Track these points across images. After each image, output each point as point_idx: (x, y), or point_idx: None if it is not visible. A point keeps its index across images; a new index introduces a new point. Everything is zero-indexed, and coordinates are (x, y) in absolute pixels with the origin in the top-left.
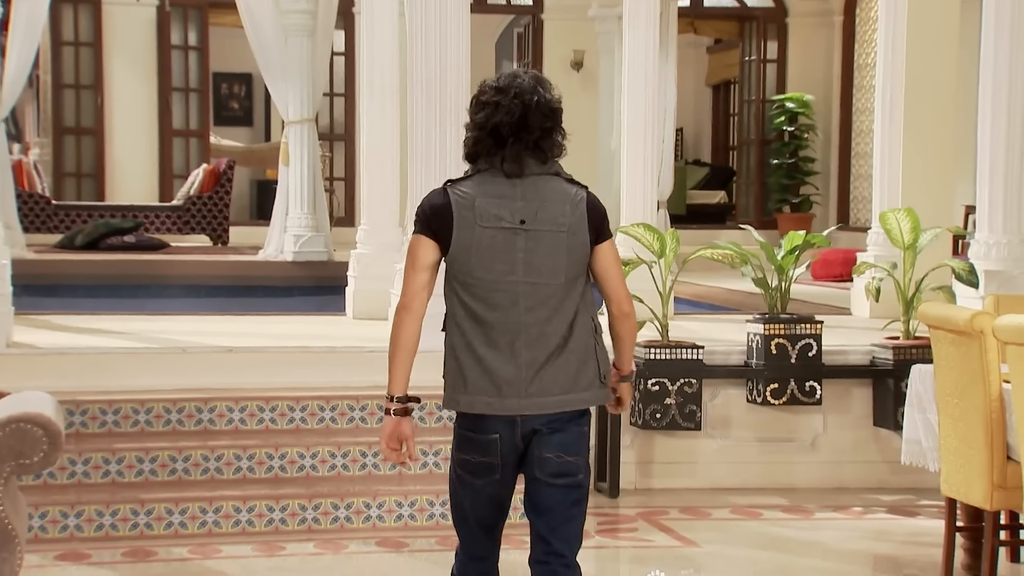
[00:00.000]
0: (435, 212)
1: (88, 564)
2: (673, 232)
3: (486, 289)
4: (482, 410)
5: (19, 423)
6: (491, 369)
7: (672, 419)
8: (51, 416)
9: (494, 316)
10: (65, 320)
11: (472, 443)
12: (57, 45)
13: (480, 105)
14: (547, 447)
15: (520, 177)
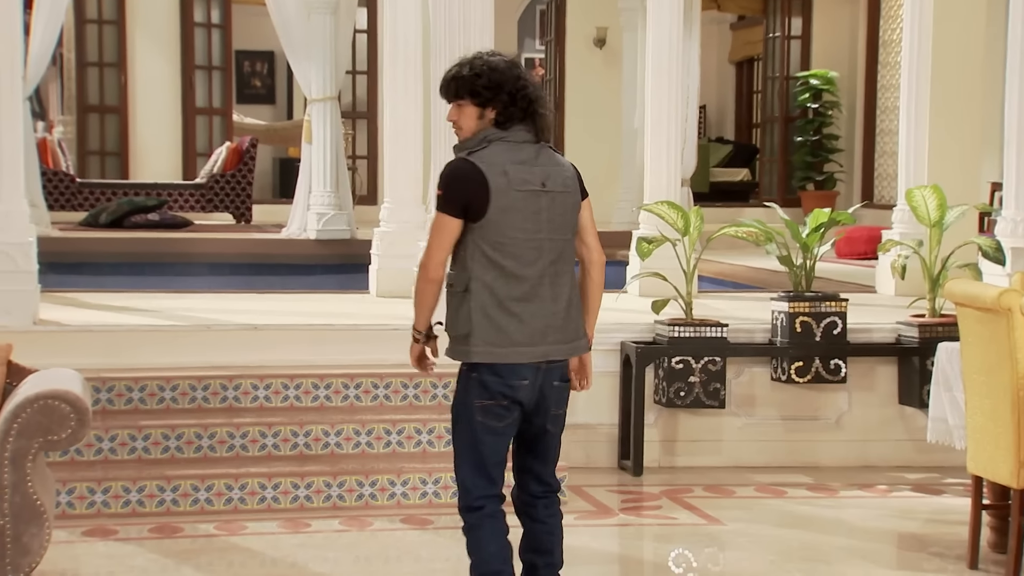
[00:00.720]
0: (469, 183)
1: (115, 540)
2: (697, 210)
3: (519, 247)
4: (518, 359)
5: (47, 400)
6: (525, 320)
7: (696, 397)
8: (79, 393)
9: (525, 271)
10: (91, 297)
11: (502, 389)
12: (81, 23)
13: (514, 77)
14: (554, 397)
15: (535, 144)
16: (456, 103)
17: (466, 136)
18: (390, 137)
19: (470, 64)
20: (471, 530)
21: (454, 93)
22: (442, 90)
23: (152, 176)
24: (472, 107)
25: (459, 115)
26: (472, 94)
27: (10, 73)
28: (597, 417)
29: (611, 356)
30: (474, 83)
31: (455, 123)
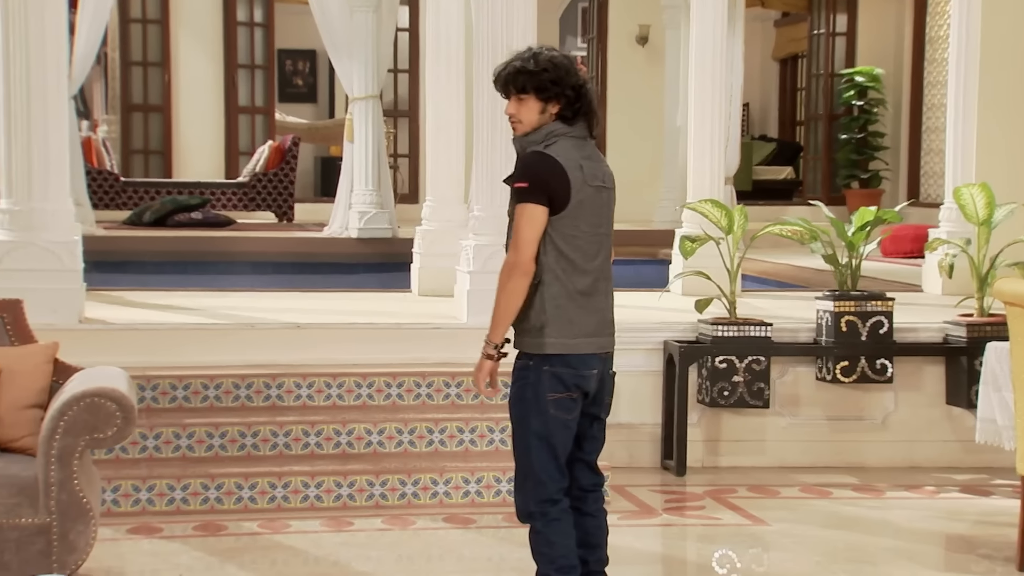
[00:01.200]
0: (553, 176)
1: (160, 538)
2: (741, 208)
3: (587, 241)
4: (590, 349)
5: (93, 398)
6: (593, 311)
7: (740, 397)
8: (124, 391)
9: (588, 265)
10: (135, 296)
11: (575, 381)
12: (125, 22)
13: (574, 73)
14: (609, 387)
15: (591, 141)
16: (517, 97)
17: (526, 131)
18: (432, 136)
19: (534, 59)
20: (549, 524)
21: (520, 87)
22: (503, 83)
23: (195, 175)
24: (535, 102)
25: (519, 109)
26: (538, 89)
27: (56, 72)
28: (640, 417)
29: (654, 355)
30: (540, 78)
31: (513, 117)
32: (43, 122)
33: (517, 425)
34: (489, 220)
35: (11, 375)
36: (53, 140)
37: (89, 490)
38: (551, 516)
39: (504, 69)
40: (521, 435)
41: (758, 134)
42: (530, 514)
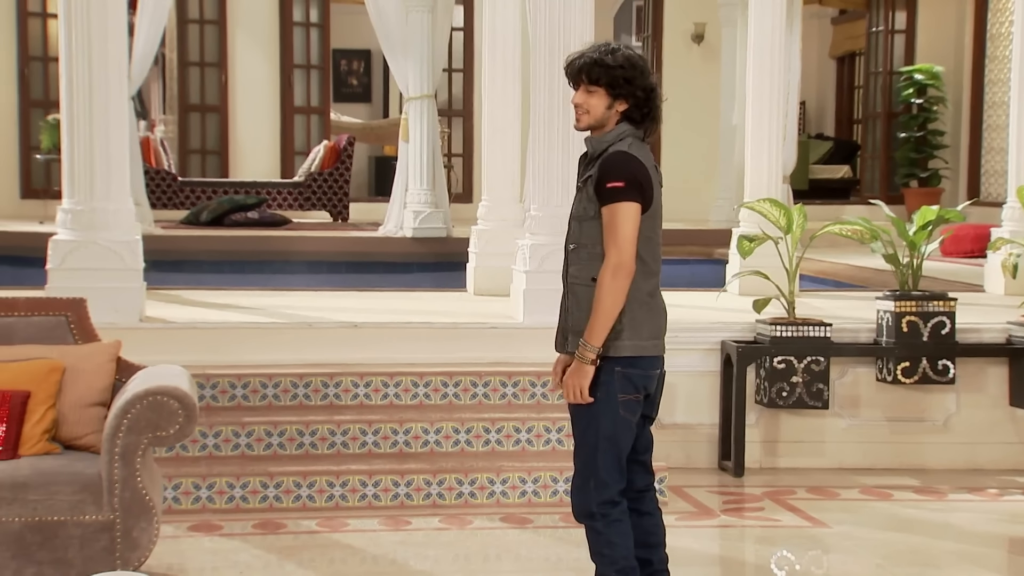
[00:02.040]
0: (644, 177)
1: (220, 535)
2: (800, 207)
3: (655, 244)
4: (655, 352)
5: (156, 396)
6: (659, 313)
7: (799, 398)
8: (186, 390)
9: (655, 267)
10: (193, 295)
11: (643, 382)
12: (183, 23)
13: (648, 75)
14: (660, 388)
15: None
16: (587, 88)
17: (589, 123)
18: (488, 135)
19: (612, 53)
20: (610, 525)
21: (593, 79)
22: (576, 72)
23: (251, 174)
24: (605, 96)
25: (587, 100)
26: (610, 84)
27: (117, 74)
28: (697, 417)
29: (711, 355)
30: (615, 73)
31: (580, 107)
32: (105, 122)
33: (586, 427)
34: (545, 219)
35: (75, 373)
36: (114, 140)
37: (152, 487)
38: (612, 517)
39: (579, 58)
40: (589, 437)
41: (814, 132)
42: (591, 515)
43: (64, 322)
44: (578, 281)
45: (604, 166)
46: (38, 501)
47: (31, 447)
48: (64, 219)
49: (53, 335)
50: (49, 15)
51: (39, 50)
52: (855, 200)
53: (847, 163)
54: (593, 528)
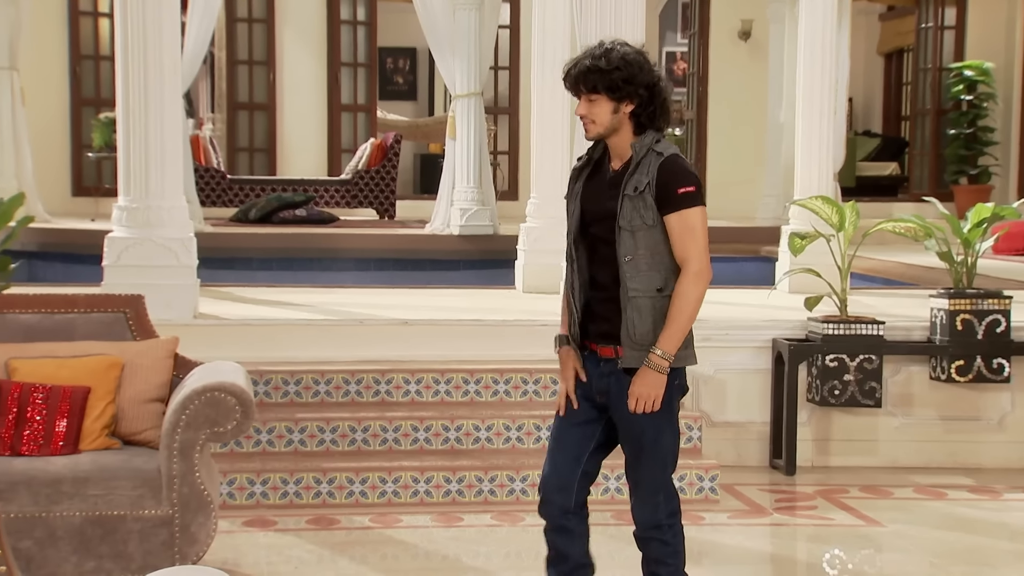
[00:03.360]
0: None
1: (274, 531)
2: (852, 204)
3: None
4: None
5: (213, 392)
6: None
7: (851, 396)
8: (243, 386)
9: None
10: (244, 292)
11: (685, 391)
12: (232, 22)
13: (648, 70)
14: None
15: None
16: (588, 97)
17: (600, 132)
18: (537, 133)
19: (605, 56)
20: (677, 534)
21: (591, 87)
22: (573, 82)
23: (298, 172)
24: (607, 101)
25: (590, 109)
26: (610, 89)
27: (172, 73)
28: (747, 415)
29: (762, 353)
30: (612, 77)
31: (586, 117)
32: (159, 121)
33: (654, 440)
34: None
35: (133, 369)
36: (169, 139)
37: (209, 483)
38: (678, 527)
39: (573, 67)
40: (659, 450)
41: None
42: (659, 527)
43: (123, 318)
44: (640, 294)
45: (667, 171)
46: (99, 496)
47: (91, 442)
48: (119, 216)
49: (112, 331)
50: (100, 14)
51: (90, 49)
52: (903, 197)
53: (895, 160)
54: (660, 540)
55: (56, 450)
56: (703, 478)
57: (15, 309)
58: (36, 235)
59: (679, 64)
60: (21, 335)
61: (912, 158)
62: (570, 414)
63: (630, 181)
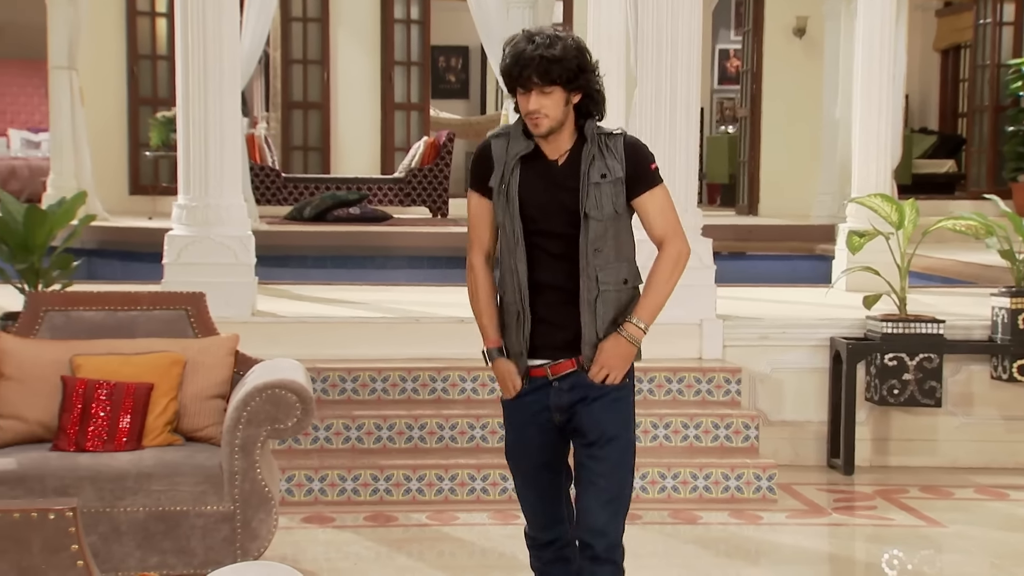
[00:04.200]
0: None
1: (333, 527)
2: (912, 202)
3: None
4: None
5: (275, 389)
6: None
7: (911, 395)
8: (303, 383)
9: None
10: (300, 290)
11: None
12: (286, 21)
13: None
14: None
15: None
16: (541, 90)
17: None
18: None
19: (555, 44)
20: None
21: (551, 78)
22: (529, 73)
23: (352, 170)
24: (562, 93)
25: (543, 103)
26: (567, 79)
27: (231, 73)
28: (804, 414)
29: (820, 352)
30: (570, 65)
31: (537, 113)
32: (219, 120)
33: (624, 450)
34: None
35: (195, 366)
36: (228, 138)
37: (270, 479)
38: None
39: (520, 58)
40: (626, 459)
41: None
42: (618, 547)
43: (184, 316)
44: (610, 287)
45: (636, 150)
46: (162, 492)
47: (154, 438)
48: (179, 215)
49: (174, 328)
50: (157, 14)
51: (148, 48)
52: (960, 195)
53: (951, 157)
54: (617, 564)
55: (120, 446)
56: (760, 477)
57: (80, 306)
58: (95, 233)
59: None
60: (85, 332)
61: (969, 155)
62: (531, 453)
63: (593, 168)
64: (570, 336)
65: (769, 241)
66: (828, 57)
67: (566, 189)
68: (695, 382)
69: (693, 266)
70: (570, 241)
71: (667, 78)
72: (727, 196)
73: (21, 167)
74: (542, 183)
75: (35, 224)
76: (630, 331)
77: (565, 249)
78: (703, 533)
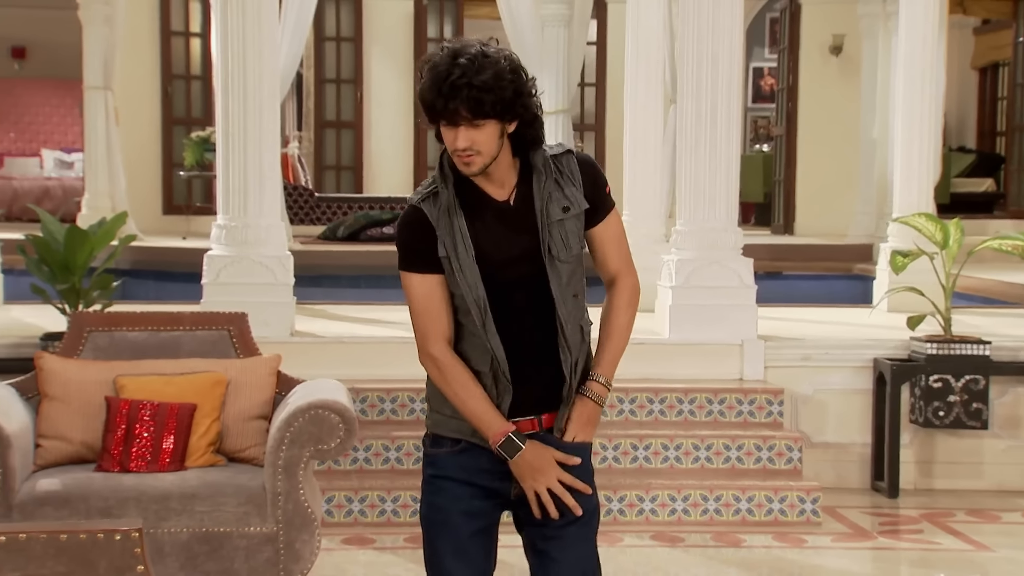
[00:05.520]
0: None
1: (373, 549)
2: (957, 222)
3: None
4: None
5: (317, 410)
6: None
7: (956, 417)
8: (346, 404)
9: None
10: (336, 309)
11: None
12: (319, 41)
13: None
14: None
15: None
16: (472, 123)
17: (485, 163)
18: (630, 149)
19: (483, 67)
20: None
21: (483, 111)
22: (455, 106)
23: (385, 190)
24: (496, 125)
25: (475, 139)
26: (501, 110)
27: (270, 95)
28: (847, 436)
29: (863, 373)
30: (505, 94)
31: (467, 150)
32: (258, 140)
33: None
34: (692, 234)
35: (238, 387)
36: (267, 158)
37: (313, 500)
38: None
39: (443, 89)
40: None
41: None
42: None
43: (227, 336)
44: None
45: (591, 169)
46: (205, 512)
47: (197, 459)
48: (218, 235)
49: (216, 349)
50: (191, 34)
51: (181, 68)
52: (999, 214)
53: (990, 176)
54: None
55: (163, 466)
56: (804, 500)
57: (123, 327)
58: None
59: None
60: (129, 352)
61: (1009, 174)
62: (468, 519)
63: (552, 203)
64: (545, 393)
65: (805, 261)
66: (866, 75)
67: (526, 232)
68: (736, 403)
69: (734, 286)
70: (534, 289)
71: (707, 95)
72: (761, 215)
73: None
74: (497, 231)
75: (76, 244)
76: (595, 391)
77: (528, 300)
78: (746, 556)
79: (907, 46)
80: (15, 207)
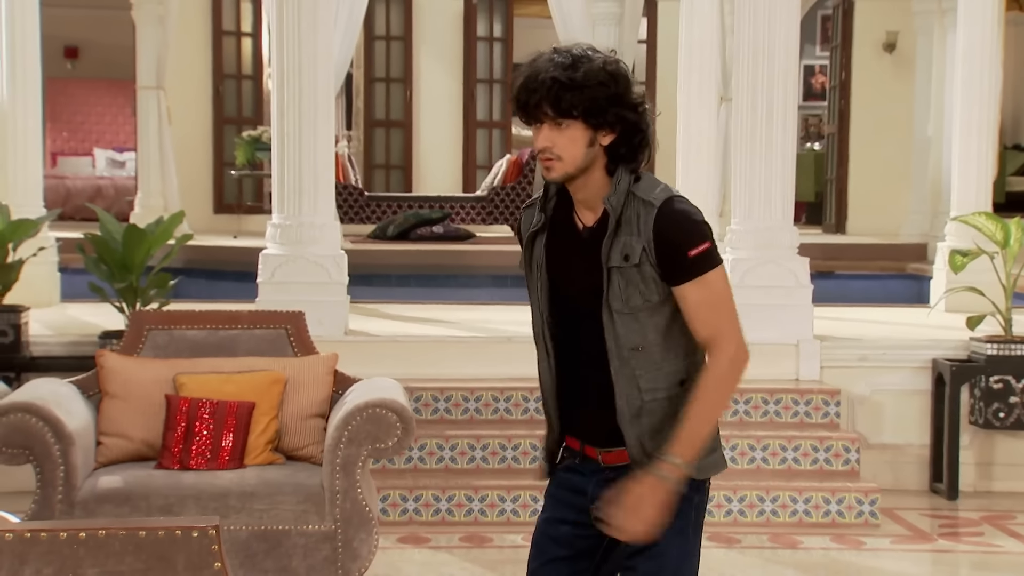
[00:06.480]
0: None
1: (428, 548)
2: (1018, 221)
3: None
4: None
5: (375, 408)
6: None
7: (1017, 419)
8: (403, 402)
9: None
10: (388, 308)
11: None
12: (369, 40)
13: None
14: None
15: None
16: (555, 123)
17: (567, 171)
18: (683, 147)
19: (578, 66)
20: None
21: (563, 110)
22: (537, 100)
23: (434, 189)
24: (584, 130)
25: (556, 140)
26: (590, 112)
27: (325, 95)
28: (905, 437)
29: (922, 374)
30: (594, 95)
31: (546, 151)
32: (313, 139)
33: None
34: (747, 234)
35: (295, 385)
36: (321, 158)
37: (370, 499)
38: None
39: (531, 83)
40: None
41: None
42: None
43: (284, 335)
44: (662, 393)
45: (669, 228)
46: (264, 511)
47: (255, 457)
48: (273, 234)
49: (274, 347)
50: (243, 34)
51: (233, 68)
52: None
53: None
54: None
55: (222, 464)
56: (862, 502)
57: (182, 325)
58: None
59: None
60: (187, 351)
61: None
62: (553, 545)
63: (614, 246)
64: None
65: (858, 260)
66: (920, 73)
67: (592, 269)
68: (792, 404)
69: (789, 285)
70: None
71: (763, 91)
72: (812, 214)
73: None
74: (567, 256)
75: (134, 243)
76: (668, 472)
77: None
78: (804, 558)
79: (965, 43)
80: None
